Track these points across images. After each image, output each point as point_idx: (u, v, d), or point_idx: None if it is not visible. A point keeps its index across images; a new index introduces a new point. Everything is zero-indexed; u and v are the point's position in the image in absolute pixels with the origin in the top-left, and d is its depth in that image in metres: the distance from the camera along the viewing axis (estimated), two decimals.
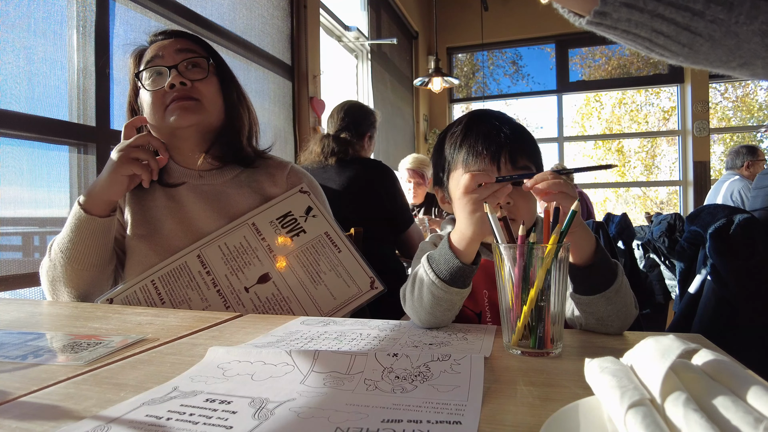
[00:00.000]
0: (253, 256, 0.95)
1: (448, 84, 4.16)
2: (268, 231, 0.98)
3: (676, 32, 0.39)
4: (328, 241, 0.97)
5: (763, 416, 0.28)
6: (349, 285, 0.93)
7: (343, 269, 0.94)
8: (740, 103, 6.92)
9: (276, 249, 0.96)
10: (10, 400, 0.45)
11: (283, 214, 1.00)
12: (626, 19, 0.39)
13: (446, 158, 0.84)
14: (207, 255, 0.95)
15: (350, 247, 0.97)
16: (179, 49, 0.97)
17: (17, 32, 1.45)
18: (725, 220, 1.25)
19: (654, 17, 0.38)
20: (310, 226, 0.99)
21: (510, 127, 0.79)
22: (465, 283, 0.66)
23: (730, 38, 0.38)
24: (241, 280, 0.94)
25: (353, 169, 1.82)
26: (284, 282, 0.94)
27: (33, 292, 1.52)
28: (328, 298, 0.92)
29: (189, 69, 0.97)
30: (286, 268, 0.95)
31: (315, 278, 0.94)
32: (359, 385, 0.46)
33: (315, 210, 1.01)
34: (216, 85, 1.00)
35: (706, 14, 0.37)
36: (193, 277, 0.94)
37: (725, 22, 0.37)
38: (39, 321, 0.78)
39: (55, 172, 1.58)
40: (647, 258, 2.33)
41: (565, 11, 0.44)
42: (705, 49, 0.40)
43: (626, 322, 0.64)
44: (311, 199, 1.02)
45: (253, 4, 2.72)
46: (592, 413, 0.35)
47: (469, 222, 0.63)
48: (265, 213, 1.00)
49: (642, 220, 5.23)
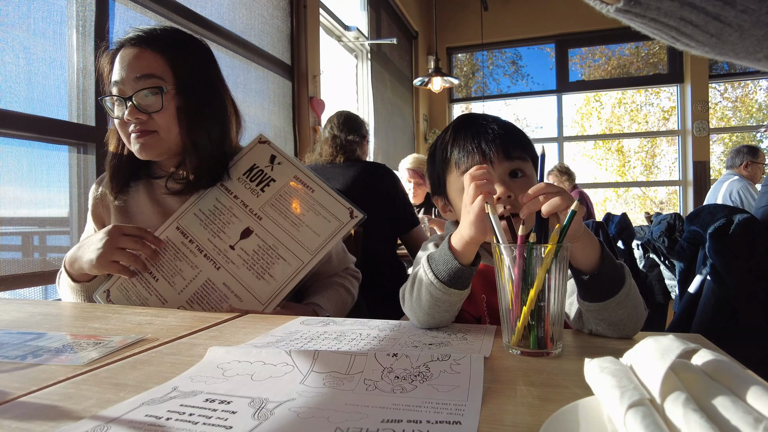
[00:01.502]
0: (230, 215, 0.97)
1: (447, 84, 4.17)
2: (238, 188, 0.99)
3: (705, 21, 0.38)
4: (299, 184, 0.98)
5: (762, 416, 0.28)
6: (329, 220, 0.95)
7: (320, 207, 0.96)
8: (740, 103, 6.92)
9: (251, 203, 0.97)
10: (10, 400, 0.45)
11: (249, 168, 1.01)
12: (656, 8, 0.39)
13: (440, 165, 0.84)
14: (185, 224, 0.97)
15: (322, 185, 0.98)
16: (138, 77, 0.92)
17: (17, 32, 1.45)
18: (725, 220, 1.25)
19: (684, 6, 0.38)
20: (277, 173, 1.00)
21: (497, 124, 0.80)
22: (463, 285, 0.65)
23: (759, 28, 0.38)
24: (224, 240, 0.95)
25: (357, 170, 1.87)
26: (266, 232, 0.95)
27: (32, 292, 1.51)
28: (313, 237, 0.94)
29: (146, 97, 0.93)
30: (266, 220, 0.96)
31: (295, 221, 0.95)
32: (359, 385, 0.46)
33: (279, 157, 1.01)
34: (172, 113, 0.95)
35: (737, 3, 0.37)
36: (178, 249, 0.95)
37: (756, 12, 0.37)
38: (38, 321, 0.78)
39: (54, 172, 1.58)
40: (647, 258, 2.33)
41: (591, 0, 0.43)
42: (733, 39, 0.39)
43: (638, 324, 0.63)
44: (272, 147, 1.02)
45: (253, 4, 2.72)
46: (592, 413, 0.35)
47: (468, 223, 0.63)
48: (231, 171, 1.01)
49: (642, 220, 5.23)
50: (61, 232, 1.61)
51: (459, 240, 0.64)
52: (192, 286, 0.92)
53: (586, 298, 0.63)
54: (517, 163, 0.77)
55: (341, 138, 1.92)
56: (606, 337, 0.64)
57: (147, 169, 1.06)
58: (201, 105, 0.99)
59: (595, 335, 0.65)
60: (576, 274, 0.63)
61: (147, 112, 0.93)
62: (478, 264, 0.66)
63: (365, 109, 4.38)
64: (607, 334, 0.64)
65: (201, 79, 1.00)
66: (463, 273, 0.64)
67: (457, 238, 0.65)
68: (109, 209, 1.06)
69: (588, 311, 0.63)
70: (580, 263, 0.62)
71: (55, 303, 0.96)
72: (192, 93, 0.97)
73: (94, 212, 1.08)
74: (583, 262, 0.61)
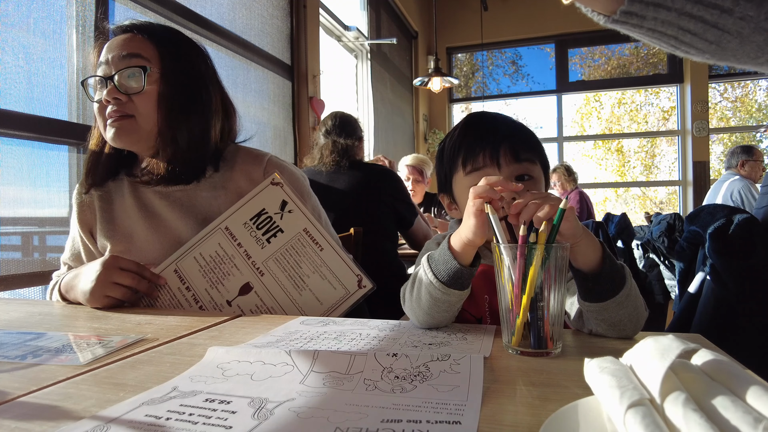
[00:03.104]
0: (230, 265, 0.90)
1: (447, 84, 4.17)
2: (243, 235, 0.91)
3: (703, 30, 0.38)
4: (308, 239, 0.90)
5: (762, 416, 0.28)
6: (335, 287, 0.88)
7: (327, 270, 0.89)
8: (739, 104, 6.92)
9: (254, 255, 0.91)
10: (9, 400, 0.45)
11: (257, 213, 0.92)
12: (653, 18, 0.38)
13: (447, 162, 0.84)
14: (184, 269, 0.91)
15: (332, 243, 0.90)
16: (125, 55, 0.90)
17: (17, 32, 1.45)
18: (724, 220, 1.25)
19: (681, 15, 0.37)
20: (286, 223, 0.91)
21: (506, 125, 0.79)
22: (463, 285, 0.65)
23: (759, 34, 0.38)
24: (222, 294, 0.89)
25: (360, 173, 1.89)
26: (266, 291, 0.89)
27: (32, 292, 1.52)
28: (315, 304, 0.88)
29: (128, 78, 0.90)
30: (267, 276, 0.89)
31: (298, 283, 0.89)
32: (359, 385, 0.46)
33: (290, 204, 0.92)
34: (153, 98, 0.92)
35: (735, 11, 0.36)
36: (174, 295, 0.90)
37: (754, 19, 0.37)
38: (38, 321, 0.78)
39: (54, 172, 1.58)
40: (647, 258, 2.33)
41: (588, 11, 0.43)
42: (733, 46, 0.39)
43: (639, 324, 0.63)
44: (285, 192, 0.93)
45: (253, 4, 2.72)
46: (592, 413, 0.35)
47: (467, 225, 0.63)
48: (238, 214, 0.93)
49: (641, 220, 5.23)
50: (61, 232, 1.61)
51: (458, 241, 0.64)
52: None
53: (587, 299, 0.63)
54: (525, 166, 0.77)
55: (341, 143, 1.92)
56: (606, 337, 0.64)
57: (128, 168, 1.02)
58: (184, 94, 0.95)
59: (595, 335, 0.65)
60: (577, 275, 0.63)
61: (127, 93, 0.90)
62: (478, 265, 0.66)
63: (365, 109, 4.38)
64: (608, 334, 0.64)
65: (188, 69, 0.97)
66: (463, 273, 0.64)
67: (457, 238, 0.65)
68: (95, 214, 1.01)
69: (588, 311, 0.63)
70: (581, 264, 0.62)
71: (54, 303, 0.95)
72: (176, 81, 0.94)
73: (81, 218, 1.03)
74: (584, 263, 0.61)
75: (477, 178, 0.78)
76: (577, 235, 0.59)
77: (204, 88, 0.98)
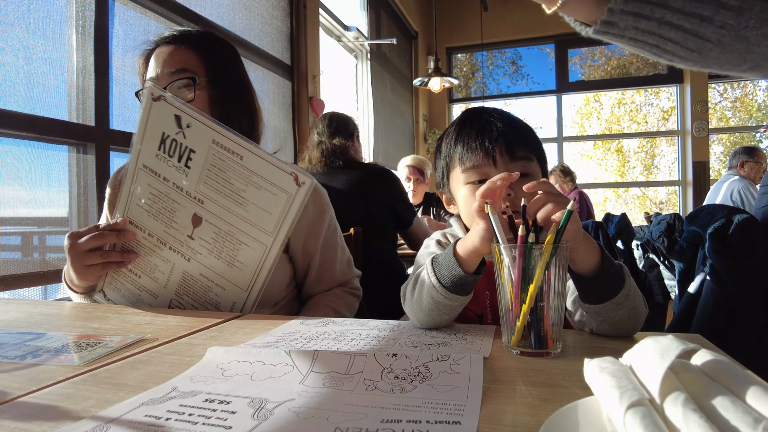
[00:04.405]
0: (169, 200, 0.86)
1: (447, 84, 4.17)
2: (161, 167, 0.85)
3: (684, 38, 0.38)
4: (223, 151, 0.82)
5: (762, 416, 0.28)
6: (275, 193, 0.81)
7: (258, 178, 0.81)
8: (739, 104, 6.92)
9: (184, 185, 0.85)
10: (9, 401, 0.45)
11: (161, 139, 0.84)
12: (633, 27, 0.39)
13: (444, 158, 0.84)
14: (136, 217, 0.88)
15: (249, 147, 0.81)
16: (172, 72, 0.97)
17: (17, 32, 1.45)
18: (724, 220, 1.25)
19: (662, 24, 0.38)
20: (192, 140, 0.83)
21: (504, 120, 0.79)
22: (466, 291, 0.65)
23: (739, 42, 0.38)
24: (180, 230, 0.86)
25: (358, 172, 1.88)
26: (216, 216, 0.84)
27: (32, 292, 1.51)
28: (265, 216, 0.82)
29: (179, 90, 0.98)
30: (208, 202, 0.84)
31: (238, 200, 0.83)
32: (358, 385, 0.46)
33: (184, 117, 0.82)
34: (205, 102, 0.99)
35: (714, 20, 0.37)
36: (143, 245, 0.89)
37: (734, 27, 0.37)
38: (38, 321, 0.78)
39: (54, 172, 1.58)
40: (646, 258, 2.33)
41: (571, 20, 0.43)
42: (714, 53, 0.39)
43: (638, 323, 0.63)
44: (171, 104, 0.83)
45: (253, 4, 2.72)
46: (592, 413, 0.35)
47: (475, 235, 0.62)
48: (145, 147, 0.85)
49: (641, 220, 5.23)
50: (60, 232, 1.61)
51: (464, 249, 0.64)
52: (173, 279, 0.89)
53: (586, 300, 0.63)
54: (521, 164, 0.77)
55: (328, 145, 1.90)
56: (606, 336, 0.64)
57: None
58: (232, 96, 1.03)
59: (596, 335, 0.65)
60: (575, 278, 0.63)
61: None
62: (482, 272, 0.66)
63: (365, 109, 4.39)
64: (608, 333, 0.64)
65: (231, 72, 1.05)
66: (467, 280, 0.64)
67: (463, 246, 0.64)
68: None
69: (588, 312, 0.64)
70: (580, 268, 0.61)
71: (54, 303, 0.95)
72: (223, 84, 1.02)
73: (110, 201, 1.06)
74: (582, 267, 0.61)
75: (473, 175, 0.78)
76: (578, 238, 0.59)
77: (246, 90, 1.06)
